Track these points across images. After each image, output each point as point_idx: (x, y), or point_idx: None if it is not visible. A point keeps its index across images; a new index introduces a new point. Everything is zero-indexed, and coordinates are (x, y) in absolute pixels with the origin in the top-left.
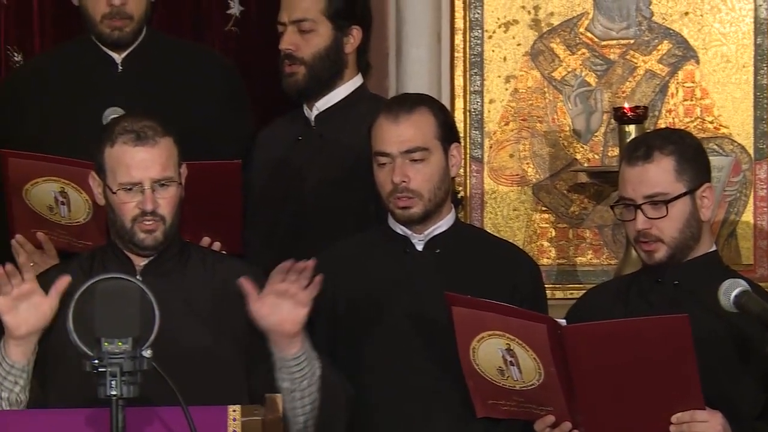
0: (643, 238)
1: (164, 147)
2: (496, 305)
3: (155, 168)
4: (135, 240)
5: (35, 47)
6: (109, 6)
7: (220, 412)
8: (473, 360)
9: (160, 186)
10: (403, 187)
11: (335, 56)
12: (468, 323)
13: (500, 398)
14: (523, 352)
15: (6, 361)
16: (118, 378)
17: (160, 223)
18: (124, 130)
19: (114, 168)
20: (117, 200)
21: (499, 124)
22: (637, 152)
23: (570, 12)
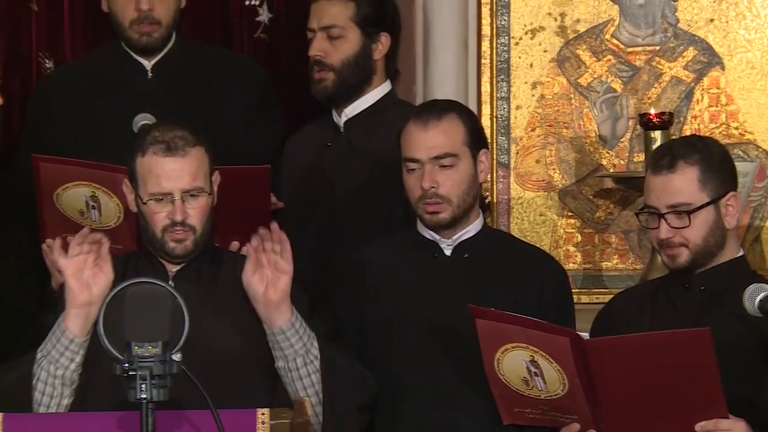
0: (667, 245)
1: (194, 157)
2: (519, 318)
3: (185, 179)
4: (165, 249)
5: (66, 54)
6: (138, 11)
7: (249, 416)
8: (498, 370)
9: (191, 196)
10: (432, 193)
11: (364, 63)
12: (492, 335)
13: (526, 406)
14: (546, 363)
15: (65, 334)
16: (148, 381)
17: (190, 232)
18: (155, 140)
19: (145, 178)
20: (148, 210)
21: (525, 130)
22: (662, 161)
23: (596, 19)
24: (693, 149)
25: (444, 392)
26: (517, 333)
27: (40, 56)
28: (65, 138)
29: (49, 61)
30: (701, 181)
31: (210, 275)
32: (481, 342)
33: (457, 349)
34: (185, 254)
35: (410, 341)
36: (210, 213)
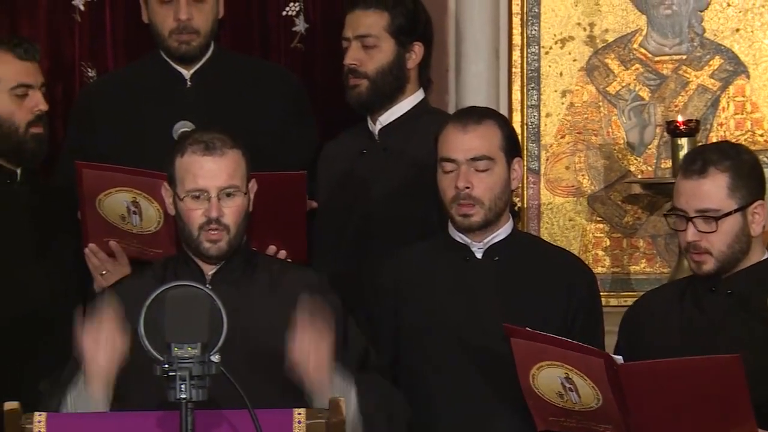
0: (693, 249)
1: (231, 158)
2: (554, 339)
3: (222, 177)
4: (200, 249)
5: (108, 63)
6: (176, 21)
7: (286, 415)
8: (533, 384)
9: (226, 195)
10: (466, 194)
11: (397, 71)
12: (527, 353)
13: (560, 416)
14: (581, 380)
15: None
16: (187, 382)
17: (224, 232)
18: (194, 140)
19: (183, 176)
20: (184, 207)
21: (555, 137)
22: (694, 165)
23: (624, 28)
24: (725, 156)
25: (475, 394)
26: (552, 352)
27: (83, 65)
28: (106, 145)
29: (92, 71)
30: (730, 188)
31: (246, 277)
32: (516, 359)
33: (488, 351)
34: (219, 255)
35: (442, 343)
36: (245, 215)
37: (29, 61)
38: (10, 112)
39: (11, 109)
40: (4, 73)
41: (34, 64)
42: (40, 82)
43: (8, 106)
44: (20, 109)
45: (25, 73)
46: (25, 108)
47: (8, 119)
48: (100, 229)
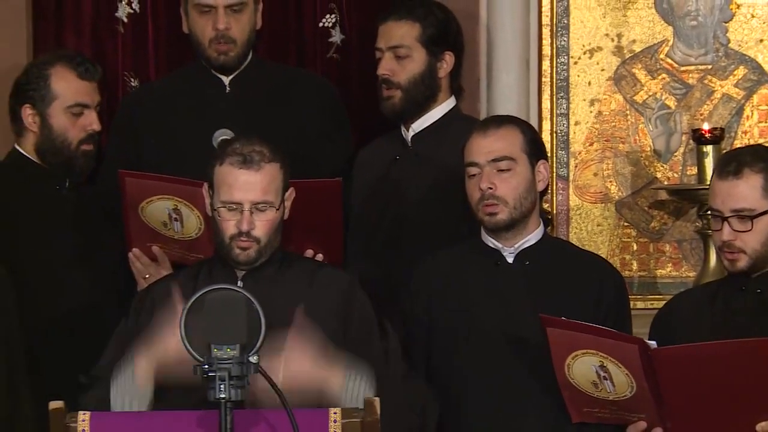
0: (728, 248)
1: (268, 172)
2: (589, 327)
3: (256, 192)
4: (231, 255)
5: (150, 73)
6: (215, 30)
7: (322, 415)
8: (568, 375)
9: (259, 209)
10: (490, 194)
11: (429, 80)
12: (562, 342)
13: (595, 407)
14: (615, 368)
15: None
16: (226, 382)
17: (254, 243)
18: (233, 151)
19: (219, 186)
20: (218, 217)
21: (584, 144)
22: (728, 167)
23: (651, 39)
24: (758, 158)
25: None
26: (588, 340)
27: (126, 75)
28: (148, 153)
29: (134, 80)
30: (764, 188)
31: (277, 279)
32: (552, 349)
33: (519, 351)
34: (248, 262)
35: (474, 345)
36: (277, 226)
37: (89, 81)
38: (65, 129)
39: (66, 125)
40: (64, 90)
41: (93, 84)
42: (96, 102)
43: (63, 123)
44: (74, 126)
45: (84, 93)
46: (79, 126)
47: (62, 135)
48: (143, 235)
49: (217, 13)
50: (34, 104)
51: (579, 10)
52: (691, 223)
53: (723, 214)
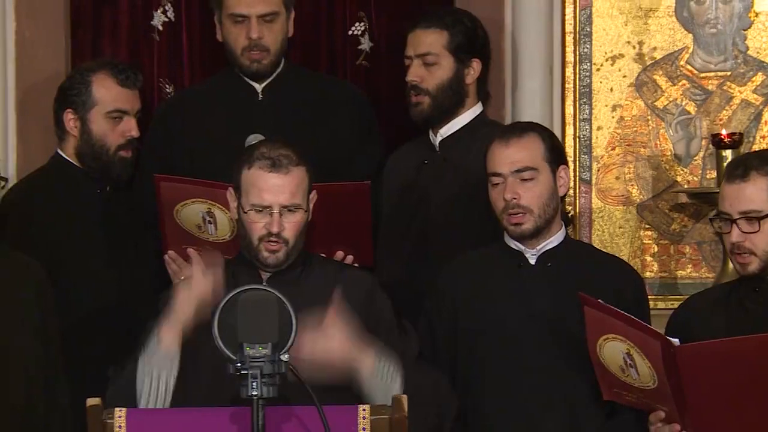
0: (737, 250)
1: (296, 175)
2: (620, 313)
3: (285, 194)
4: (259, 257)
5: (185, 80)
6: (248, 39)
7: (351, 412)
8: (599, 354)
9: (288, 211)
10: (514, 203)
11: (457, 87)
12: (596, 323)
13: (623, 389)
14: (640, 359)
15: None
16: (258, 380)
17: (283, 245)
18: (261, 155)
19: (248, 189)
20: (247, 219)
21: (606, 149)
22: (736, 171)
23: (672, 47)
24: (765, 161)
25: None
26: (618, 326)
27: (161, 82)
28: (183, 158)
29: (169, 87)
30: None
31: (300, 280)
32: (587, 327)
33: (541, 349)
34: (276, 264)
35: (496, 345)
36: (304, 228)
37: (129, 89)
38: (104, 134)
39: (105, 131)
40: (104, 96)
41: (133, 92)
42: (136, 110)
43: (102, 128)
44: (113, 132)
45: (123, 100)
46: (118, 132)
47: (100, 140)
48: (178, 237)
49: (250, 23)
50: (75, 109)
51: (601, 18)
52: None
53: (732, 216)
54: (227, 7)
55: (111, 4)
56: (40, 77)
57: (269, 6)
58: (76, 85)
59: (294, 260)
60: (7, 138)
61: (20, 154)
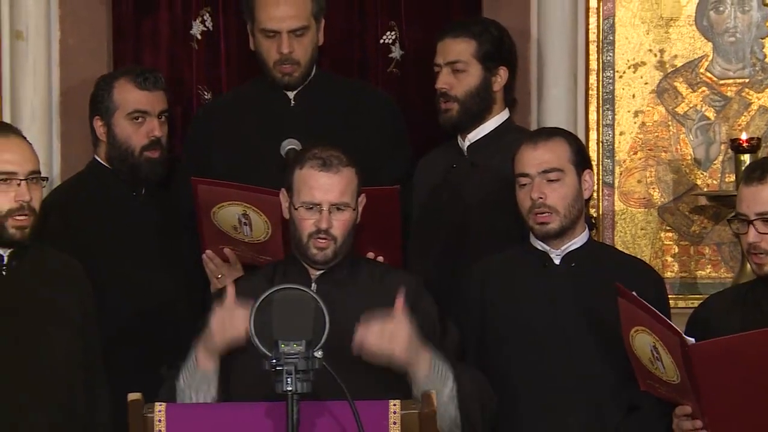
0: (754, 250)
1: (345, 176)
2: (647, 307)
3: (334, 193)
4: (308, 254)
5: (222, 87)
6: (279, 54)
7: (382, 406)
8: (632, 345)
9: (337, 209)
10: (541, 203)
11: (485, 93)
12: (628, 315)
13: (654, 381)
14: (664, 353)
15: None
16: (293, 375)
17: (332, 242)
18: (313, 155)
19: (300, 188)
20: (298, 216)
21: (628, 153)
22: (753, 174)
23: (692, 54)
24: None
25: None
26: (645, 319)
27: (200, 89)
28: (219, 162)
29: (208, 93)
30: None
31: (348, 280)
32: (621, 318)
33: (566, 347)
34: (325, 261)
35: (522, 343)
36: (352, 227)
37: (148, 91)
38: (127, 136)
39: (128, 133)
40: (123, 100)
41: (154, 93)
42: (158, 110)
43: (125, 130)
44: (136, 133)
45: (143, 101)
46: (141, 133)
47: (125, 142)
48: (215, 238)
49: (281, 38)
50: (101, 116)
51: (624, 27)
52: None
53: (749, 217)
54: (259, 21)
55: (151, 14)
56: (83, 83)
57: (299, 21)
58: (101, 93)
59: (342, 260)
60: (51, 141)
61: (64, 156)
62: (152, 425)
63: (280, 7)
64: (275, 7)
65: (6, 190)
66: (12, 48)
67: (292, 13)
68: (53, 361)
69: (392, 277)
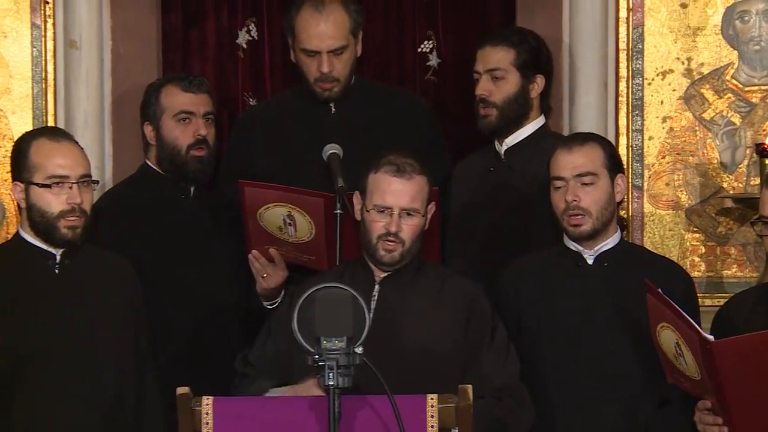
0: None
1: (417, 183)
2: (671, 304)
3: (405, 198)
4: (377, 255)
5: (266, 93)
6: (320, 72)
7: (420, 400)
8: (658, 341)
9: (407, 214)
10: (575, 205)
11: (522, 100)
12: (655, 311)
13: (680, 376)
14: (686, 350)
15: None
16: (335, 370)
17: (399, 245)
18: (388, 161)
19: (372, 191)
20: (369, 218)
21: (657, 157)
22: None
23: (718, 62)
24: None
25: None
26: (668, 316)
27: (245, 95)
28: (263, 165)
29: (253, 100)
30: None
31: (412, 283)
32: (649, 313)
33: (598, 346)
34: (392, 263)
35: (557, 340)
36: (420, 232)
37: (193, 93)
38: (174, 137)
39: (175, 133)
40: (170, 102)
41: (198, 96)
42: (203, 111)
43: (172, 131)
44: (183, 134)
45: (188, 103)
46: (187, 133)
47: (172, 142)
48: (261, 238)
49: (321, 57)
50: (150, 120)
51: (652, 36)
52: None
53: None
54: (299, 41)
55: (199, 24)
56: (133, 91)
57: (338, 41)
58: (149, 99)
59: (408, 263)
60: (103, 147)
61: (115, 161)
62: (200, 418)
63: (320, 28)
64: (315, 28)
65: (58, 193)
66: (66, 57)
67: (331, 33)
68: (104, 355)
69: (452, 283)
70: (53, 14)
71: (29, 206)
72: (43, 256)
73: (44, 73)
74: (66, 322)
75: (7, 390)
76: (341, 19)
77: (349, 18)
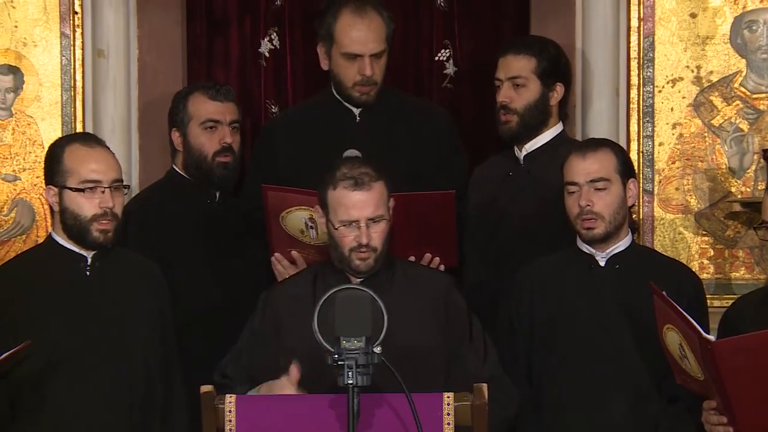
0: None
1: (377, 190)
2: (674, 306)
3: (369, 209)
4: (352, 266)
5: (288, 101)
6: (361, 75)
7: (437, 398)
8: (665, 342)
9: (373, 222)
10: (588, 210)
11: (542, 107)
12: (661, 312)
13: (686, 376)
14: (689, 351)
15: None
16: (354, 369)
17: (372, 252)
18: (344, 176)
19: (335, 208)
20: (338, 234)
21: (667, 162)
22: None
23: (726, 70)
24: None
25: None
26: (672, 318)
27: (267, 102)
28: (286, 170)
29: (275, 107)
30: None
31: (385, 281)
32: (657, 315)
33: (609, 346)
34: (368, 270)
35: (570, 337)
36: (388, 235)
37: (219, 101)
38: (201, 143)
39: (202, 140)
40: (197, 110)
41: (224, 104)
42: (229, 120)
43: (199, 138)
44: (209, 141)
45: (214, 111)
46: (213, 140)
47: (198, 149)
48: (283, 241)
49: (363, 61)
50: (178, 127)
51: (663, 45)
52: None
53: None
54: (341, 45)
55: (223, 34)
56: (159, 99)
57: (380, 45)
58: (177, 106)
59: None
60: (130, 153)
61: (142, 167)
62: (223, 415)
63: (363, 32)
64: (359, 33)
65: (91, 197)
66: (94, 66)
67: (373, 37)
68: (133, 357)
69: (424, 277)
70: (81, 24)
71: (62, 210)
72: (74, 259)
73: (73, 81)
74: (96, 323)
75: (38, 390)
76: (380, 24)
77: (384, 24)
